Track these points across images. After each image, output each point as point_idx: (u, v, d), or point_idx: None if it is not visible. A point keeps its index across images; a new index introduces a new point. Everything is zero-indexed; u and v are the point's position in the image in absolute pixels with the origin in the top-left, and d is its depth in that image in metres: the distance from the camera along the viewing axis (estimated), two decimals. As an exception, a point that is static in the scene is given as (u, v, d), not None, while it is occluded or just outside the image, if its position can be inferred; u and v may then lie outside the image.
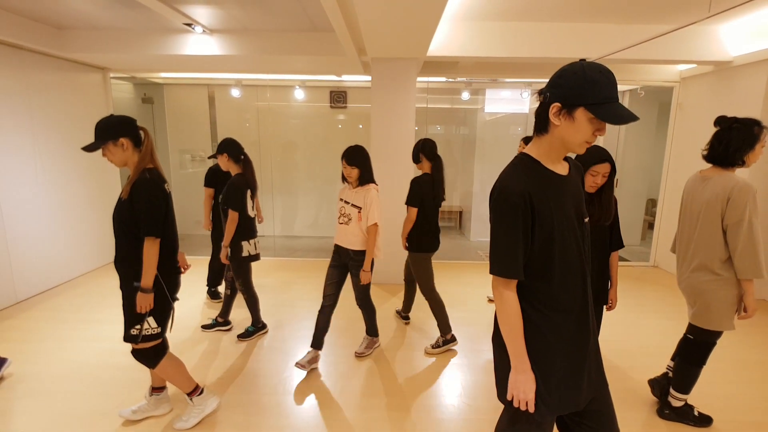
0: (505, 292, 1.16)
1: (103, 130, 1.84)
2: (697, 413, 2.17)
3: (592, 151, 1.81)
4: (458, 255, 5.64)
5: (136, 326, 1.90)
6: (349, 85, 6.01)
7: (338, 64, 4.43)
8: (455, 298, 3.96)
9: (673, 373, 2.18)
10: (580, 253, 1.18)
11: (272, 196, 6.30)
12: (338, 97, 6.08)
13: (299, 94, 6.08)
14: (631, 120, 1.01)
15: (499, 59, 3.95)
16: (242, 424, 2.16)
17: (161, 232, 1.87)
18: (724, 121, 1.93)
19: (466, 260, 5.31)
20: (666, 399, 2.22)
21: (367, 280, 2.56)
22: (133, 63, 4.50)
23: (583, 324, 1.20)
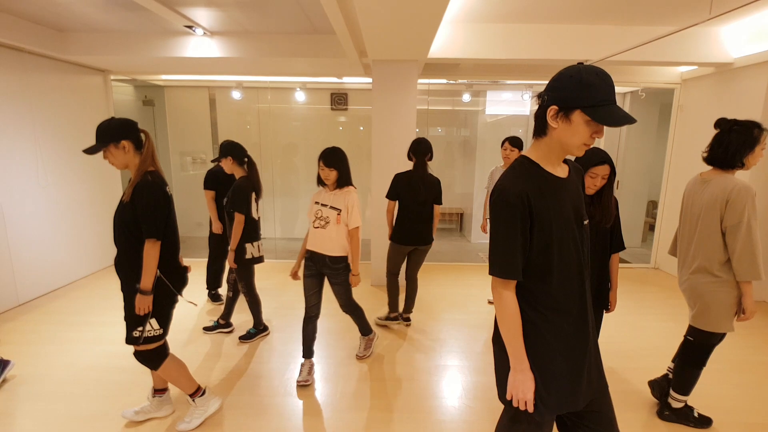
0: (504, 293, 1.18)
1: (105, 133, 1.84)
2: (697, 414, 2.18)
3: (591, 152, 1.81)
4: (459, 257, 5.64)
5: (138, 328, 1.91)
6: (350, 87, 6.02)
7: (339, 66, 4.43)
8: (456, 300, 3.96)
9: (673, 375, 2.18)
10: (579, 255, 1.19)
11: (273, 199, 6.30)
12: (339, 99, 6.09)
13: (300, 96, 6.09)
14: (627, 122, 1.02)
15: (500, 61, 3.96)
16: (244, 425, 2.16)
17: (162, 235, 1.88)
18: (724, 124, 1.93)
19: (467, 262, 5.31)
20: (666, 400, 2.23)
21: (358, 284, 2.52)
22: (134, 65, 4.51)
23: (581, 325, 1.20)
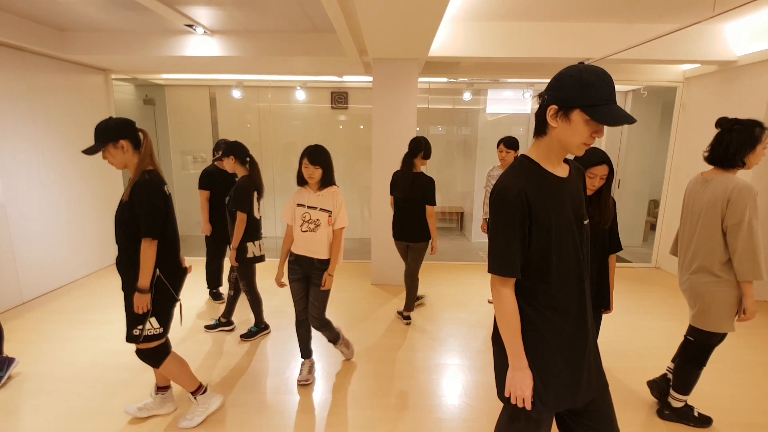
0: (503, 291, 1.18)
1: (103, 133, 1.85)
2: (697, 414, 2.18)
3: (590, 153, 1.79)
4: (459, 256, 5.64)
5: (138, 326, 1.92)
6: (351, 86, 6.01)
7: (339, 65, 4.43)
8: (456, 299, 3.96)
9: (674, 374, 2.18)
10: (578, 255, 1.19)
11: (274, 197, 6.31)
12: (339, 98, 6.09)
13: (300, 95, 6.08)
14: (626, 122, 1.02)
15: (501, 59, 3.95)
16: (246, 423, 2.17)
17: (160, 234, 1.88)
18: (724, 123, 1.93)
19: (467, 261, 5.31)
20: (666, 400, 2.23)
21: (330, 285, 2.40)
22: (135, 64, 4.52)
23: (580, 324, 1.21)
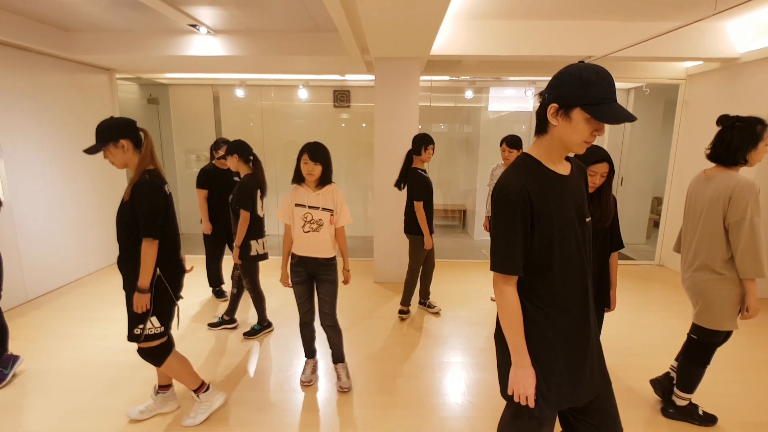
0: (505, 288, 1.18)
1: (104, 132, 1.84)
2: (701, 412, 2.17)
3: (590, 150, 1.79)
4: (462, 254, 5.64)
5: (139, 326, 1.92)
6: (353, 85, 6.01)
7: (341, 64, 4.43)
8: (458, 297, 3.96)
9: (678, 373, 2.18)
10: (581, 253, 1.19)
11: (276, 195, 6.31)
12: (342, 97, 6.09)
13: (303, 94, 6.09)
14: (626, 120, 1.02)
15: (503, 58, 3.94)
16: (249, 420, 2.19)
17: (160, 234, 1.87)
18: (726, 120, 1.92)
19: (470, 259, 5.31)
20: (669, 398, 2.23)
21: (349, 279, 2.45)
22: (139, 64, 4.54)
23: (583, 322, 1.21)
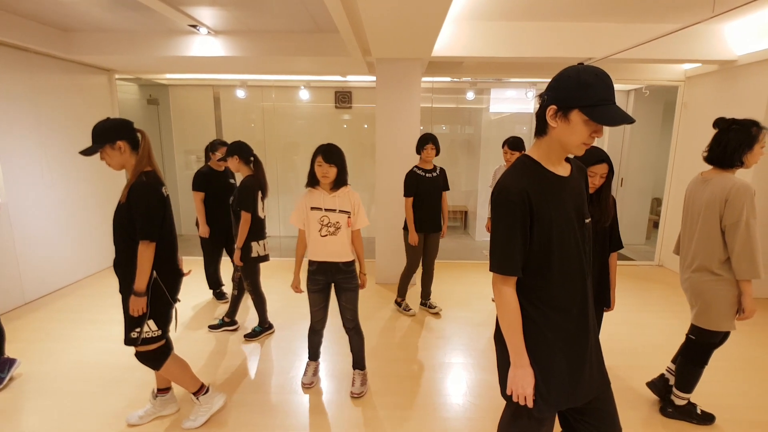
0: (504, 289, 1.19)
1: (101, 134, 1.82)
2: (699, 411, 2.18)
3: (590, 152, 1.81)
4: (463, 255, 5.64)
5: (136, 329, 1.89)
6: (354, 86, 6.02)
7: (343, 65, 4.44)
8: (460, 297, 3.97)
9: (676, 373, 2.19)
10: (580, 254, 1.20)
11: (278, 197, 6.32)
12: (343, 98, 6.10)
13: (304, 95, 6.10)
14: (624, 122, 1.03)
15: (504, 59, 3.95)
16: (250, 422, 2.18)
17: (157, 236, 1.85)
18: (722, 123, 1.94)
19: (471, 260, 5.31)
20: (668, 398, 2.23)
21: (365, 284, 2.43)
22: (139, 64, 4.53)
23: (582, 323, 1.21)
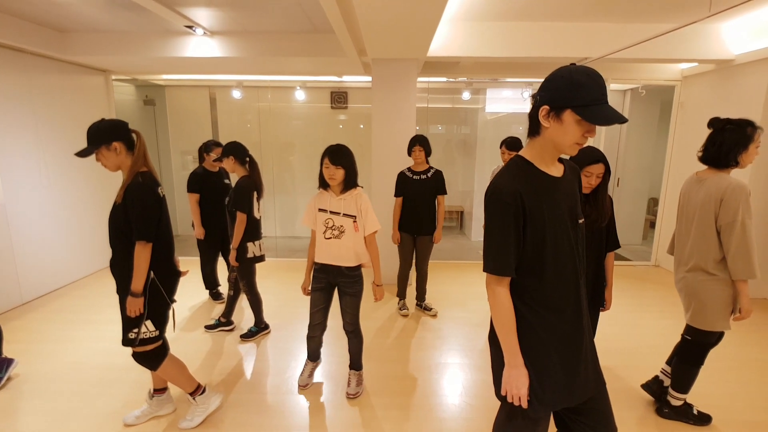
0: (498, 289, 1.19)
1: (96, 135, 1.82)
2: (696, 412, 2.18)
3: (586, 151, 1.81)
4: (459, 255, 5.65)
5: (133, 330, 1.89)
6: (350, 86, 6.02)
7: (339, 65, 4.44)
8: (456, 297, 3.97)
9: (672, 373, 2.19)
10: (573, 254, 1.20)
11: (273, 197, 6.32)
12: (339, 98, 6.10)
13: (300, 95, 6.10)
14: (617, 121, 1.03)
15: (500, 59, 3.95)
16: (246, 422, 2.18)
17: (154, 237, 1.84)
18: (717, 123, 1.94)
19: (467, 260, 5.32)
20: (663, 398, 2.24)
21: (383, 296, 2.31)
22: (135, 65, 4.52)
23: (576, 323, 1.21)
